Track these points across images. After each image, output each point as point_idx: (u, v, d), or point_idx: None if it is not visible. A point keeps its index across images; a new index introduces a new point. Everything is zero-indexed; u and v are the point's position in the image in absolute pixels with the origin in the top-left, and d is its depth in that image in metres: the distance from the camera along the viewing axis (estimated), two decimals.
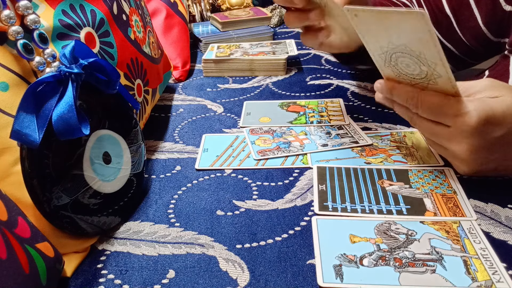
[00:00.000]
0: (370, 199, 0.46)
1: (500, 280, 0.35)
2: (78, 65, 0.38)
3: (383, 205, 0.45)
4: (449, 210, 0.43)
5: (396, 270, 0.37)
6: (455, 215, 0.43)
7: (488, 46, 0.66)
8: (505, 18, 0.61)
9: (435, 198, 0.45)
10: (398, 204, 0.45)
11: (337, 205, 0.45)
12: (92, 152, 0.41)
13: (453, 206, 0.44)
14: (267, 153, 0.55)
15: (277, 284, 0.37)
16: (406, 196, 0.46)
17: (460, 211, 0.43)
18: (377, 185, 0.48)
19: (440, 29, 0.72)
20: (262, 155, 0.55)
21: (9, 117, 0.36)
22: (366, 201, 0.45)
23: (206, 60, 0.83)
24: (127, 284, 0.38)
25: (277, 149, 0.56)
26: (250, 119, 0.64)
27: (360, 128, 0.60)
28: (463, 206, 0.44)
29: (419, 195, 0.46)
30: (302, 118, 0.64)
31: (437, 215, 0.43)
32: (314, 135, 0.59)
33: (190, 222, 0.45)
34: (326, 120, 0.63)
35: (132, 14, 0.58)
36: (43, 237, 0.35)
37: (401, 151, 0.54)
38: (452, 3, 0.68)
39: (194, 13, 1.13)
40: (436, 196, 0.45)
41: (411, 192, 0.46)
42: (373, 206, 0.44)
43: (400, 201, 0.45)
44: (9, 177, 0.37)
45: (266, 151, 0.56)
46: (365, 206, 0.45)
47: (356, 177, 0.49)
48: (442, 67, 0.40)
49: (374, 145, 0.55)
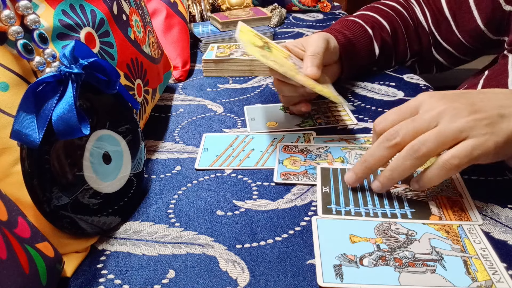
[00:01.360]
0: (374, 202, 0.45)
1: (500, 280, 0.35)
2: (78, 65, 0.38)
3: (388, 208, 0.44)
4: (455, 214, 0.42)
5: (396, 270, 0.37)
6: (461, 219, 0.42)
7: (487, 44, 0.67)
8: (505, 18, 0.61)
9: (440, 201, 0.44)
10: (403, 208, 0.44)
11: (341, 208, 0.44)
12: (92, 152, 0.41)
13: (459, 210, 0.43)
14: (290, 177, 0.50)
15: (277, 284, 0.37)
16: (411, 199, 0.45)
17: (466, 215, 0.42)
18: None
19: (439, 31, 0.72)
20: (285, 178, 0.50)
21: (9, 117, 0.36)
22: (370, 204, 0.45)
23: (206, 60, 0.83)
24: (127, 284, 0.38)
25: (304, 173, 0.50)
26: (256, 125, 0.63)
27: (361, 128, 0.60)
28: (469, 210, 0.43)
29: (424, 198, 0.45)
30: (309, 121, 0.63)
31: (442, 219, 0.42)
32: (351, 164, 0.52)
33: (190, 222, 0.45)
34: (333, 121, 0.63)
35: (132, 14, 0.58)
36: (43, 237, 0.35)
37: None
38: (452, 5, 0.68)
39: (194, 13, 1.13)
40: (441, 199, 0.45)
41: (415, 195, 0.45)
42: (377, 209, 0.44)
43: (404, 204, 0.44)
44: (9, 177, 0.37)
45: (290, 174, 0.51)
46: (369, 209, 0.44)
47: None
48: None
49: None
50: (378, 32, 0.73)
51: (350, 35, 0.70)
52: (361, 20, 0.74)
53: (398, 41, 0.75)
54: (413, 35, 0.75)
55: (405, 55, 0.77)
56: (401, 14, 0.76)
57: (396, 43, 0.75)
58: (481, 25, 0.63)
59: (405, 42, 0.75)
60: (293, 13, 1.28)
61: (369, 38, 0.72)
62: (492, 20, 0.62)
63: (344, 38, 0.68)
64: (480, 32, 0.64)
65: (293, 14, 1.27)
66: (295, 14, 1.28)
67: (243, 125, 0.64)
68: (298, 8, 1.28)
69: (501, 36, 0.64)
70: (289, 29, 1.13)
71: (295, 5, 1.27)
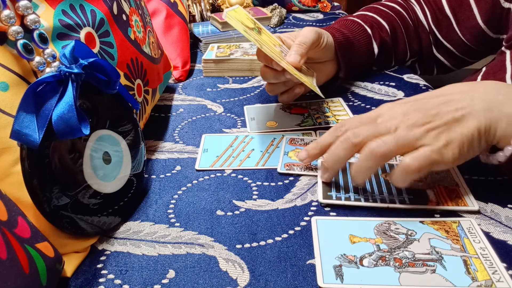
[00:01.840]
0: (373, 190, 0.47)
1: (500, 279, 0.35)
2: (78, 65, 0.38)
3: (386, 195, 0.46)
4: (452, 200, 0.44)
5: (396, 270, 0.37)
6: (458, 204, 0.44)
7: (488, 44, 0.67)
8: (504, 15, 0.61)
9: (438, 189, 0.46)
10: (401, 195, 0.46)
11: (341, 195, 0.46)
12: (92, 152, 0.41)
13: (456, 197, 0.45)
14: (294, 167, 0.52)
15: (277, 284, 0.37)
16: (409, 188, 0.47)
17: (463, 201, 0.44)
18: (381, 178, 0.49)
19: (440, 30, 0.72)
20: (288, 169, 0.51)
21: (9, 117, 0.36)
22: (369, 191, 0.46)
23: (206, 60, 0.83)
24: (127, 284, 0.38)
25: (307, 165, 0.52)
26: (256, 124, 0.63)
27: None
28: (465, 196, 0.45)
29: (422, 187, 0.47)
30: (308, 120, 0.63)
31: (439, 204, 0.44)
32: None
33: (190, 222, 0.45)
34: (334, 120, 0.63)
35: (132, 14, 0.58)
36: (43, 237, 0.35)
37: None
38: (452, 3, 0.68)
39: (194, 13, 1.13)
40: (438, 187, 0.46)
41: (413, 184, 0.47)
42: (376, 196, 0.46)
43: (402, 191, 0.46)
44: (9, 177, 0.37)
45: (294, 165, 0.52)
46: (368, 196, 0.46)
47: None
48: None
49: None
50: (377, 31, 0.73)
51: (348, 34, 0.70)
52: (360, 19, 0.74)
53: (398, 41, 0.75)
54: (412, 35, 0.75)
55: (404, 55, 0.77)
56: (400, 14, 0.76)
57: (395, 43, 0.75)
58: (480, 23, 0.64)
59: (404, 42, 0.75)
60: (293, 13, 1.29)
61: (368, 37, 0.72)
62: (491, 17, 0.63)
63: (342, 36, 0.68)
64: (480, 29, 0.65)
65: (293, 14, 1.27)
66: (295, 14, 1.28)
67: (243, 125, 0.64)
68: (298, 8, 1.28)
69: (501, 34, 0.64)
70: (289, 29, 1.13)
71: (295, 5, 1.27)
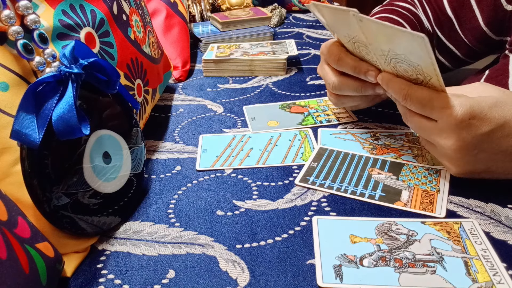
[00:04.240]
0: (351, 181, 0.48)
1: (500, 281, 0.35)
2: (78, 65, 0.38)
3: (360, 188, 0.47)
4: (421, 205, 0.44)
5: (396, 270, 0.37)
6: (424, 210, 0.44)
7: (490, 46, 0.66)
8: (506, 17, 0.61)
9: (415, 192, 0.46)
10: (375, 190, 0.46)
11: (317, 181, 0.48)
12: (92, 152, 0.41)
13: (428, 202, 0.45)
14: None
15: (277, 284, 0.37)
16: (387, 185, 0.47)
17: (432, 207, 0.44)
18: (366, 172, 0.50)
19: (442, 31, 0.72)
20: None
21: (9, 117, 0.36)
22: (346, 183, 0.48)
23: (206, 60, 0.83)
24: (127, 284, 0.38)
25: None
26: (258, 124, 0.63)
27: (361, 128, 0.60)
28: (438, 204, 0.45)
29: (401, 187, 0.47)
30: (309, 119, 0.64)
31: (407, 206, 0.44)
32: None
33: (190, 222, 0.45)
34: (334, 118, 0.63)
35: (132, 14, 0.58)
36: (43, 237, 0.35)
37: (412, 151, 0.54)
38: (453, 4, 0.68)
39: (194, 13, 1.13)
40: (417, 190, 0.46)
41: (394, 183, 0.48)
42: (349, 187, 0.47)
43: (379, 188, 0.47)
44: (9, 177, 0.37)
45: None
46: (342, 186, 0.47)
47: (350, 162, 0.52)
48: (437, 80, 0.42)
49: (386, 144, 0.56)
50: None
51: None
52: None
53: None
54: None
55: None
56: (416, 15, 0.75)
57: None
58: (482, 25, 0.63)
59: None
60: (293, 13, 1.29)
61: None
62: (493, 19, 0.62)
63: None
64: (482, 31, 0.64)
65: (293, 14, 1.27)
66: (295, 14, 1.28)
67: (243, 125, 0.64)
68: (298, 8, 1.28)
69: (503, 36, 0.63)
70: (289, 29, 1.13)
71: (295, 5, 1.27)
